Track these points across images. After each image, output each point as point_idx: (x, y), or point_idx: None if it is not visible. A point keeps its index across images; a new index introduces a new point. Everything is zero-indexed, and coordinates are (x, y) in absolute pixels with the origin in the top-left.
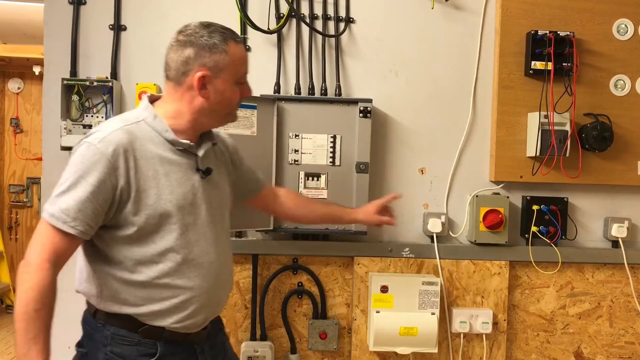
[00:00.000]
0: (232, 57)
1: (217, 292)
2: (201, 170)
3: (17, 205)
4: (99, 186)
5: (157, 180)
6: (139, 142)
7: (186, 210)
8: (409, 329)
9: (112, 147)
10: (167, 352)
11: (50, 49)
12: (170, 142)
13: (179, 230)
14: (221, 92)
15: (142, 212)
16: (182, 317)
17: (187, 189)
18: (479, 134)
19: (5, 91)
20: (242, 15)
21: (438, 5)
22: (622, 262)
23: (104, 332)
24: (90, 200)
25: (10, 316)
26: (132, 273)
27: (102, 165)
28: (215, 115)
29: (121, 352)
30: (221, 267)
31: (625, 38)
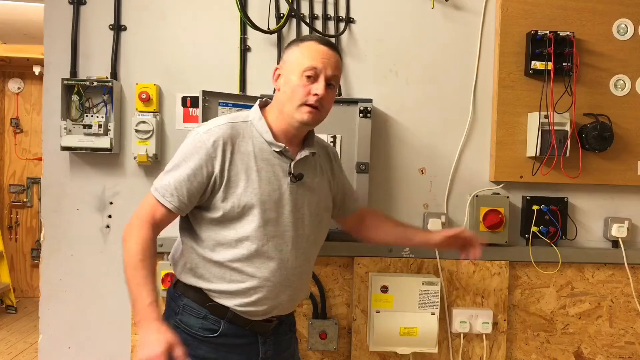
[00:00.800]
0: (301, 50)
1: (284, 289)
2: (292, 174)
3: (17, 205)
4: (195, 170)
5: (248, 174)
6: (240, 139)
7: (268, 206)
8: (409, 329)
9: (214, 138)
10: (229, 332)
11: (50, 49)
12: (268, 143)
13: (258, 222)
14: (286, 82)
15: (229, 200)
16: (245, 302)
17: (275, 188)
18: (479, 134)
19: (5, 91)
20: (242, 15)
21: (438, 5)
22: (622, 262)
23: (178, 301)
24: (186, 182)
25: (10, 316)
26: (212, 252)
27: (202, 153)
28: (286, 109)
29: (188, 322)
30: (294, 268)
31: (625, 38)
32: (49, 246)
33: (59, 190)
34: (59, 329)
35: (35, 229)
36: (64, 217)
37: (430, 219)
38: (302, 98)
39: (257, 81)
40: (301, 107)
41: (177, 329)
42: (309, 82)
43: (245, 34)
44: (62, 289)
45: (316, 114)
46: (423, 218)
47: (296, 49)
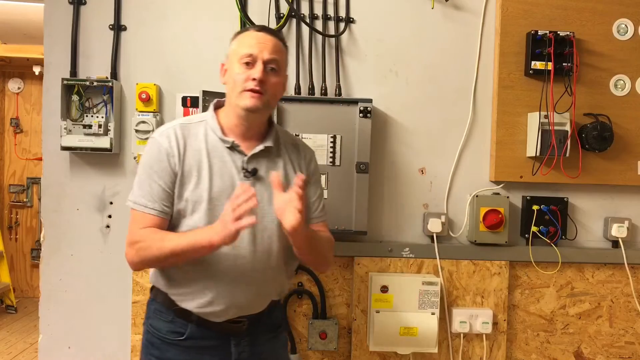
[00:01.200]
0: (239, 40)
1: (241, 287)
2: (245, 169)
3: (17, 205)
4: (162, 171)
5: (198, 171)
6: (192, 138)
7: (220, 202)
8: (409, 329)
9: (168, 137)
10: (197, 335)
11: (50, 49)
12: (220, 139)
13: (207, 219)
14: (229, 71)
15: (182, 197)
16: (202, 303)
17: (227, 184)
18: (479, 134)
19: (5, 91)
20: (242, 15)
21: (438, 5)
22: (622, 262)
23: (150, 306)
24: (158, 184)
25: (10, 316)
26: None
27: (162, 154)
28: (231, 99)
29: (157, 326)
30: (253, 264)
31: (625, 38)
32: (49, 246)
33: (59, 190)
34: (59, 329)
35: (35, 229)
36: (64, 217)
37: (430, 219)
38: (242, 84)
39: None
40: (242, 93)
41: (148, 333)
42: (248, 69)
43: None
44: (62, 289)
45: (259, 98)
46: (423, 218)
47: (234, 41)
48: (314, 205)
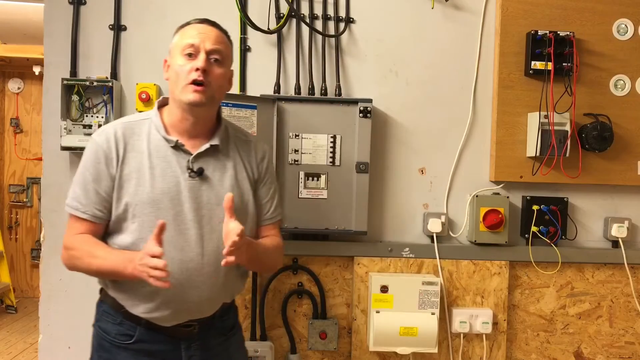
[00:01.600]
0: (180, 34)
1: (190, 291)
2: (190, 169)
3: (17, 205)
4: (98, 173)
5: (140, 172)
6: (135, 138)
7: (164, 205)
8: (409, 329)
9: (106, 138)
10: (146, 338)
11: (50, 49)
12: (163, 138)
13: (152, 222)
14: (172, 66)
15: (122, 200)
16: (149, 308)
17: (171, 185)
18: (479, 134)
19: (5, 91)
20: (242, 15)
21: (438, 5)
22: (622, 262)
23: (99, 308)
24: (92, 187)
25: (10, 316)
26: None
27: (99, 155)
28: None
29: (106, 328)
30: (202, 267)
31: (625, 38)
32: (49, 246)
33: (59, 190)
34: (59, 329)
35: (35, 229)
36: (64, 217)
37: (430, 219)
38: (186, 77)
39: (257, 81)
40: (186, 87)
41: (98, 336)
42: (190, 60)
43: (245, 34)
44: (62, 289)
45: (203, 91)
46: (423, 218)
47: (176, 34)
48: (265, 207)
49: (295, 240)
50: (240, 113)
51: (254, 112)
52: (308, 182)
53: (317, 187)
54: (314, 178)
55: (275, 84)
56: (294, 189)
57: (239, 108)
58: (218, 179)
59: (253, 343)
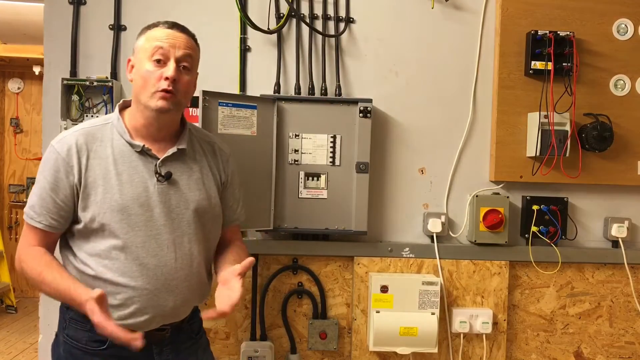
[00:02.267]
0: (148, 37)
1: (166, 296)
2: (159, 174)
3: (17, 205)
4: (56, 182)
5: (107, 179)
6: (97, 144)
7: (134, 211)
8: (409, 329)
9: (66, 146)
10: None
11: (50, 49)
12: (128, 143)
13: (124, 229)
14: (137, 70)
15: (89, 209)
16: (124, 315)
17: (140, 190)
18: (479, 134)
19: (5, 91)
20: (242, 15)
21: (438, 5)
22: (622, 262)
23: (65, 315)
24: (50, 196)
25: (10, 316)
26: (84, 265)
27: (59, 164)
28: (141, 98)
29: (75, 336)
30: (176, 271)
31: (625, 38)
32: None
33: None
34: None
35: None
36: None
37: (430, 219)
38: (154, 84)
39: (257, 81)
40: (154, 94)
41: (66, 344)
42: (159, 67)
43: (245, 34)
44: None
45: (171, 98)
46: (423, 218)
47: (143, 36)
48: (232, 208)
49: (295, 240)
50: (240, 113)
51: (254, 112)
52: (308, 182)
53: (317, 187)
54: (314, 178)
55: (275, 84)
56: (294, 189)
57: (239, 108)
58: (186, 182)
59: (253, 343)
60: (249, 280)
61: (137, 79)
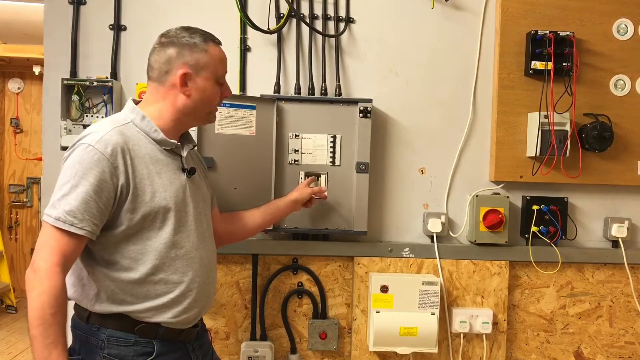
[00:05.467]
0: (212, 56)
1: (209, 286)
2: (186, 170)
3: (17, 205)
4: (100, 185)
5: (151, 179)
6: (132, 143)
7: (178, 208)
8: (409, 329)
9: (111, 146)
10: (163, 350)
11: (50, 49)
12: (158, 142)
13: (173, 226)
14: (202, 90)
15: (139, 210)
16: (178, 312)
17: (178, 187)
18: (479, 134)
19: (5, 91)
20: (242, 15)
21: (438, 5)
22: (622, 262)
23: (99, 335)
24: (94, 200)
25: (10, 316)
26: (129, 272)
27: (103, 164)
28: (197, 114)
29: (118, 354)
30: (210, 262)
31: (625, 38)
32: None
33: None
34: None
35: (35, 229)
36: None
37: (430, 219)
38: (215, 103)
39: (257, 81)
40: (209, 114)
41: None
42: (220, 89)
43: (245, 34)
44: None
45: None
46: (423, 218)
47: (204, 54)
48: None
49: (295, 240)
50: (238, 113)
51: (253, 112)
52: None
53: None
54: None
55: (275, 84)
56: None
57: (237, 108)
58: (198, 177)
59: (253, 343)
60: (249, 280)
61: (200, 96)
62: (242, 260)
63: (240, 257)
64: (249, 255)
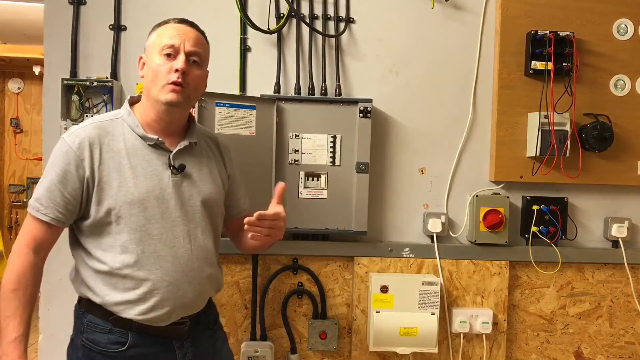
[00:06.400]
0: (159, 34)
1: (185, 287)
2: (172, 166)
3: (17, 205)
4: (65, 175)
5: (121, 172)
6: (109, 137)
7: (150, 204)
8: (409, 329)
9: (78, 140)
10: (139, 342)
11: (50, 49)
12: (141, 137)
13: (141, 222)
14: (148, 66)
15: (104, 203)
16: (145, 309)
17: (154, 183)
18: (479, 134)
19: (5, 91)
20: (242, 15)
21: (438, 5)
22: (622, 262)
23: (82, 319)
24: (58, 189)
25: None
26: (99, 263)
27: (69, 157)
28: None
29: (94, 339)
30: (192, 262)
31: (625, 38)
32: None
33: None
34: (59, 329)
35: None
36: None
37: (430, 219)
38: (165, 77)
39: (257, 81)
40: (164, 87)
41: (85, 347)
42: (169, 60)
43: (245, 34)
44: (62, 289)
45: (181, 92)
46: (423, 218)
47: (154, 32)
48: (241, 200)
49: (295, 240)
50: (238, 113)
51: (253, 112)
52: (308, 182)
53: (317, 187)
54: (314, 178)
55: (275, 84)
56: (294, 189)
57: (237, 108)
58: (197, 175)
59: (253, 343)
60: (249, 280)
61: (148, 73)
62: (242, 260)
63: (240, 257)
64: (249, 255)
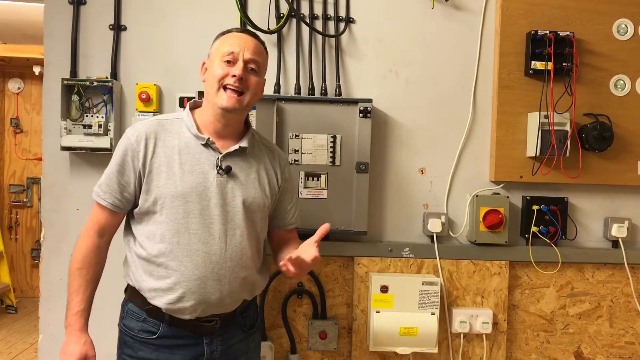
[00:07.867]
0: (222, 41)
1: (213, 284)
2: (220, 166)
3: (17, 205)
4: (122, 165)
5: (170, 167)
6: (166, 134)
7: (191, 199)
8: (409, 329)
9: (137, 133)
10: (169, 333)
11: (50, 49)
12: (194, 136)
13: (180, 214)
14: (209, 71)
15: (152, 193)
16: (173, 299)
17: (199, 180)
18: (479, 134)
19: (5, 91)
20: (242, 15)
21: (438, 5)
22: (622, 262)
23: (124, 306)
24: (116, 177)
25: (10, 316)
26: (141, 249)
27: (127, 148)
28: (210, 95)
29: (129, 325)
30: (224, 262)
31: (625, 38)
32: (49, 246)
33: (59, 190)
34: (59, 329)
35: (35, 229)
36: (64, 217)
37: (430, 219)
38: (221, 80)
39: None
40: (221, 91)
41: (122, 332)
42: (229, 67)
43: None
44: (62, 289)
45: (238, 98)
46: (423, 218)
47: (217, 41)
48: (290, 213)
49: None
50: None
51: (253, 112)
52: (308, 182)
53: (317, 187)
54: (314, 178)
55: (275, 83)
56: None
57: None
58: (244, 178)
59: None
60: None
61: (208, 78)
62: None
63: None
64: None
